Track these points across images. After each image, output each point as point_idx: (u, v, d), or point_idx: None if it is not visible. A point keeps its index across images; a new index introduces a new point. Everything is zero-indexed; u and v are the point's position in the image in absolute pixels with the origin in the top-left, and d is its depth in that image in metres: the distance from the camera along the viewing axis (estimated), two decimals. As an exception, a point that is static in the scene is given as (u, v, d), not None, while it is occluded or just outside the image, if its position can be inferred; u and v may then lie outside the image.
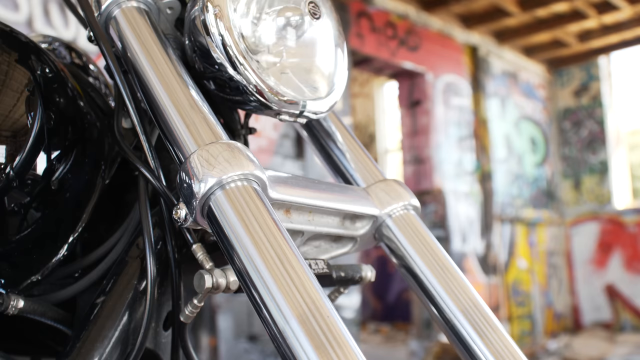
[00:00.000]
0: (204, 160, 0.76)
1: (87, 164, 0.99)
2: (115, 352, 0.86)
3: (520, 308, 8.95)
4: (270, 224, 0.73)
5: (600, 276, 9.88)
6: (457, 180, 8.20)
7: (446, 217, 7.88)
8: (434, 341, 7.16)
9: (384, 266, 10.56)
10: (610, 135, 10.05)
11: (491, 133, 8.79)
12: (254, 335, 5.73)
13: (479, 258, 8.37)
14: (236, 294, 0.84)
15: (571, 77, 10.40)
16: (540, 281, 9.52)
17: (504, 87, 9.28)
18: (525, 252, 9.24)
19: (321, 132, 1.11)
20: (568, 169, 10.33)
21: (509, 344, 0.88)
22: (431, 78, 8.05)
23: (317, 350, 0.63)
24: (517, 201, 9.21)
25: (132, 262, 0.91)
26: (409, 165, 8.05)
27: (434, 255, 0.96)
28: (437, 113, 8.06)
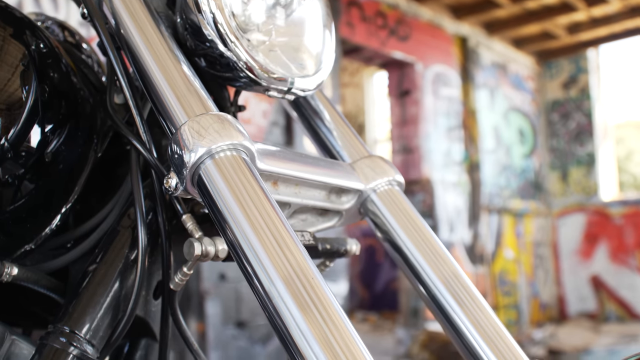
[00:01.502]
0: (194, 131, 0.79)
1: (80, 137, 1.01)
2: (106, 319, 0.88)
3: (506, 298, 9.03)
4: (258, 192, 0.76)
5: (585, 267, 9.97)
6: (445, 170, 8.25)
7: (434, 206, 7.93)
8: (420, 329, 7.22)
9: (371, 256, 10.62)
10: (597, 128, 10.12)
11: (480, 124, 8.84)
12: (242, 322, 5.76)
13: (466, 248, 8.43)
14: (225, 261, 0.87)
15: (560, 70, 10.45)
16: (527, 271, 9.60)
17: (493, 78, 9.33)
18: (512, 243, 9.31)
19: (309, 110, 1.14)
20: (555, 161, 10.40)
21: (488, 313, 0.91)
22: (421, 68, 8.08)
23: (301, 309, 0.66)
24: (505, 192, 9.27)
25: (123, 231, 0.94)
26: (397, 154, 8.09)
27: (417, 229, 0.99)
28: (427, 103, 8.09)
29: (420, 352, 6.36)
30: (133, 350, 1.03)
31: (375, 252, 10.68)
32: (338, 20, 6.86)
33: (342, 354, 0.63)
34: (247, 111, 5.76)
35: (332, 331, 0.65)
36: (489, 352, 0.88)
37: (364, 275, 10.86)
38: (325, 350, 0.63)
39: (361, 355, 0.64)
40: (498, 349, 0.88)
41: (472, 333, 0.90)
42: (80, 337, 0.85)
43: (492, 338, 0.89)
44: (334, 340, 0.64)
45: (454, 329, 0.92)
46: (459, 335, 0.91)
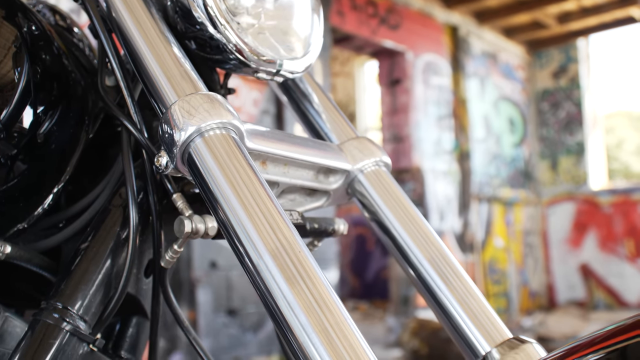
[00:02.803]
0: (184, 110, 0.80)
1: (72, 119, 1.02)
2: (98, 295, 0.90)
3: (496, 286, 9.09)
4: (247, 169, 0.78)
5: (575, 255, 10.04)
6: (435, 159, 8.28)
7: (424, 195, 7.96)
8: (410, 317, 7.26)
9: (362, 245, 10.65)
10: (587, 117, 10.17)
11: (470, 113, 8.87)
12: (233, 309, 5.78)
13: (457, 236, 8.48)
14: (215, 239, 0.88)
15: (550, 59, 10.49)
16: (517, 260, 9.66)
17: (484, 67, 9.35)
18: (502, 231, 9.37)
19: (298, 93, 1.16)
20: (545, 150, 10.46)
21: (472, 290, 0.93)
22: (411, 57, 8.09)
23: (288, 282, 0.68)
24: (495, 181, 9.31)
25: (115, 210, 0.95)
26: (388, 143, 8.11)
27: (404, 208, 1.00)
28: (417, 92, 8.11)
29: (411, 340, 6.40)
30: (125, 327, 1.05)
31: (366, 241, 10.72)
32: (328, 9, 6.86)
33: (327, 323, 0.65)
34: (238, 99, 5.77)
35: (318, 302, 0.67)
36: (473, 328, 0.90)
37: (355, 264, 10.89)
38: (311, 319, 0.65)
39: (346, 324, 0.66)
40: (482, 325, 0.90)
41: (457, 310, 0.92)
42: (72, 313, 0.87)
43: (477, 315, 0.91)
44: (319, 310, 0.66)
45: (439, 306, 0.94)
46: (444, 312, 0.93)
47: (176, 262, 0.96)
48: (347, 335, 0.65)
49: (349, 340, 0.65)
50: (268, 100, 6.10)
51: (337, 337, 0.64)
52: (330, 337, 0.64)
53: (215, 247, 5.65)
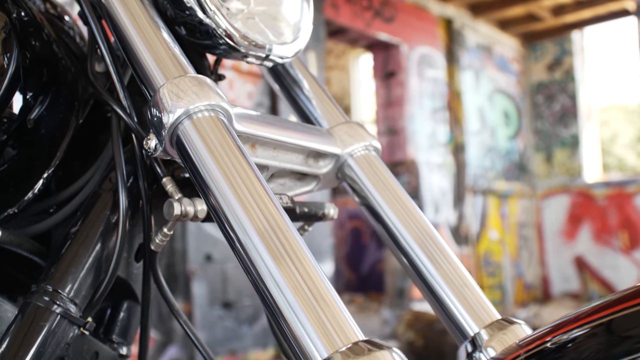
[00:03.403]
0: (172, 93, 0.81)
1: (62, 104, 1.03)
2: (89, 279, 0.90)
3: (491, 278, 9.11)
4: (236, 151, 0.78)
5: (569, 248, 10.07)
6: (430, 151, 8.29)
7: (419, 188, 7.97)
8: (405, 309, 7.28)
9: (358, 238, 10.66)
10: (581, 110, 10.19)
11: (465, 105, 8.87)
12: (229, 302, 5.79)
13: (451, 229, 8.49)
14: (204, 222, 0.89)
15: (545, 52, 10.49)
16: (511, 252, 9.68)
17: (478, 60, 9.36)
18: (496, 224, 9.39)
19: (288, 79, 1.16)
20: (540, 142, 10.47)
21: (460, 271, 0.94)
22: (406, 50, 8.09)
23: (276, 261, 0.68)
24: (490, 173, 9.33)
25: (105, 194, 0.96)
26: (383, 136, 8.11)
27: (394, 192, 1.01)
28: (412, 85, 8.11)
29: (406, 332, 6.42)
30: (116, 312, 1.05)
31: (362, 235, 10.73)
32: (323, 1, 6.85)
33: (314, 300, 0.66)
34: (232, 92, 5.76)
35: (305, 280, 0.67)
36: (462, 310, 0.91)
37: (350, 257, 10.90)
38: (298, 297, 0.66)
39: (333, 301, 0.66)
40: (471, 306, 0.91)
41: (446, 292, 0.92)
42: (63, 296, 0.87)
43: (465, 297, 0.92)
44: (306, 288, 0.67)
45: (428, 288, 0.94)
46: (434, 294, 0.94)
47: (167, 248, 0.96)
48: (333, 312, 0.65)
49: (336, 316, 0.65)
50: (262, 93, 6.10)
51: (324, 314, 0.65)
52: (317, 314, 0.65)
53: (210, 240, 5.65)
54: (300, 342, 0.65)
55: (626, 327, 0.60)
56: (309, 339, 0.64)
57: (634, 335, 0.59)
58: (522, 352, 0.66)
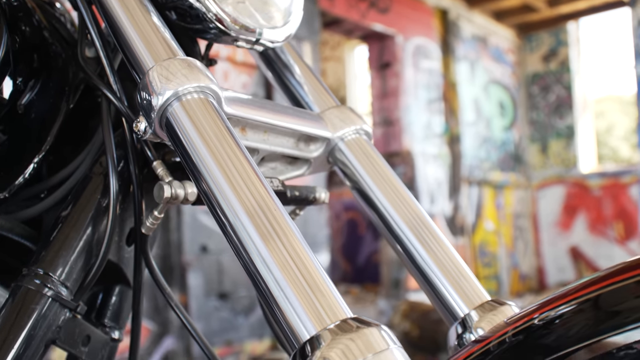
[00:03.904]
0: (161, 76, 0.80)
1: (52, 89, 1.03)
2: (80, 262, 0.90)
3: (486, 269, 9.14)
4: (225, 133, 0.78)
5: (564, 238, 10.09)
6: (425, 142, 8.29)
7: (415, 178, 7.98)
8: (401, 300, 7.30)
9: (353, 229, 10.67)
10: (577, 101, 10.20)
11: (460, 96, 8.88)
12: (224, 293, 5.80)
13: (447, 219, 8.51)
14: (194, 205, 0.89)
15: (540, 43, 10.49)
16: (507, 243, 9.71)
17: (474, 51, 9.35)
18: (492, 214, 9.40)
19: (279, 64, 1.16)
20: (535, 133, 10.48)
21: (451, 253, 0.94)
22: (401, 41, 8.08)
23: (264, 239, 0.69)
24: (485, 164, 9.34)
25: (95, 178, 0.96)
26: (378, 127, 8.11)
27: (385, 176, 1.01)
28: (407, 76, 8.11)
29: (402, 322, 6.43)
30: (108, 296, 1.05)
31: (357, 226, 10.73)
32: (318, -8, 6.84)
33: (302, 278, 0.66)
34: (226, 83, 5.75)
35: (293, 259, 0.67)
36: (452, 291, 0.91)
37: (346, 248, 10.91)
38: (286, 275, 0.66)
39: (321, 279, 0.67)
40: (461, 287, 0.91)
41: (436, 274, 0.93)
42: (54, 279, 0.87)
43: (455, 278, 0.92)
44: (294, 266, 0.67)
45: (418, 270, 0.95)
46: (424, 276, 0.94)
47: (162, 239, 0.96)
48: (322, 290, 0.66)
49: (324, 294, 0.65)
50: (257, 84, 6.09)
51: (312, 292, 0.65)
52: (305, 292, 0.65)
53: (206, 231, 5.65)
54: (288, 320, 0.65)
55: (613, 302, 0.60)
56: (297, 316, 0.64)
57: (621, 310, 0.60)
58: (510, 329, 0.66)
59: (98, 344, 0.99)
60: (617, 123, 21.11)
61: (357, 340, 0.61)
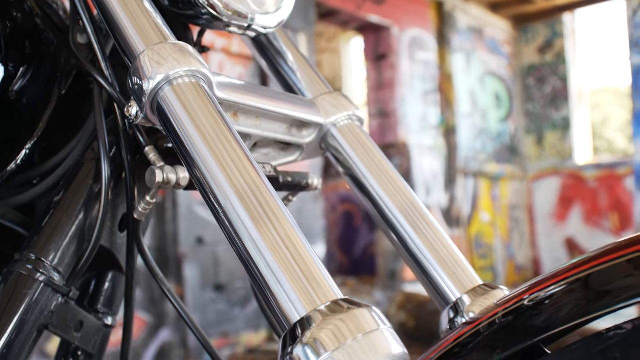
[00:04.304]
0: (152, 60, 0.80)
1: (44, 75, 1.02)
2: (72, 247, 0.90)
3: (482, 260, 9.15)
4: (216, 117, 0.78)
5: (560, 230, 10.11)
6: (421, 134, 8.29)
7: (410, 170, 7.98)
8: (397, 291, 7.31)
9: (350, 221, 10.67)
10: (572, 92, 10.20)
11: (456, 88, 8.87)
12: (221, 285, 5.80)
13: (443, 211, 8.52)
14: (186, 190, 0.89)
15: (536, 34, 10.49)
16: (503, 234, 9.72)
17: (470, 42, 9.35)
18: (488, 206, 9.41)
19: (272, 50, 1.16)
20: (531, 125, 10.49)
21: (443, 237, 0.94)
22: (397, 32, 8.07)
23: (255, 222, 0.69)
24: (481, 156, 9.34)
25: (87, 164, 0.96)
26: (374, 118, 8.11)
27: (377, 162, 1.01)
28: (403, 67, 8.10)
29: (398, 313, 6.45)
30: (100, 282, 1.05)
31: (354, 218, 10.74)
32: (313, -17, 6.82)
33: (293, 261, 0.66)
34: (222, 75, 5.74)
35: (284, 241, 0.67)
36: (444, 275, 0.91)
37: (343, 240, 10.92)
38: (277, 257, 0.66)
39: (312, 261, 0.67)
40: (453, 272, 0.91)
41: (428, 258, 0.93)
42: (46, 264, 0.87)
43: (447, 262, 0.92)
44: (285, 249, 0.67)
45: (411, 255, 0.95)
46: (416, 261, 0.94)
47: (158, 231, 0.96)
48: (312, 272, 0.66)
49: (315, 276, 0.65)
50: (252, 75, 6.08)
51: (303, 274, 0.65)
52: (296, 274, 0.65)
53: (201, 223, 5.65)
54: (279, 302, 0.65)
55: (604, 282, 0.61)
56: (288, 298, 0.64)
57: (612, 289, 0.60)
58: (500, 310, 0.66)
59: (91, 330, 0.99)
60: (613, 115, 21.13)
61: (347, 321, 0.61)
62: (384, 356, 0.60)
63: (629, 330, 0.60)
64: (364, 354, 0.59)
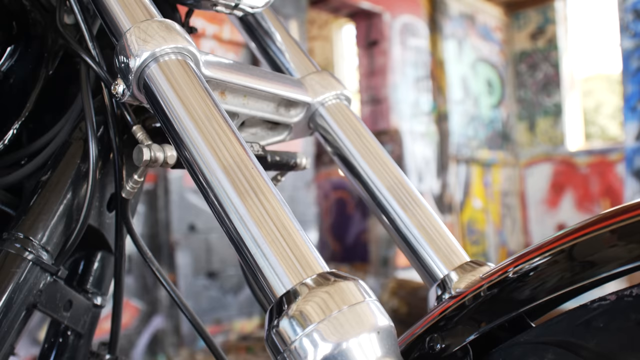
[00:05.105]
0: (139, 38, 0.80)
1: (31, 55, 1.02)
2: (60, 226, 0.90)
3: (474, 246, 9.18)
4: (203, 94, 0.77)
5: (552, 216, 10.15)
6: (413, 120, 8.29)
7: (403, 156, 7.99)
8: (390, 277, 7.34)
9: (342, 209, 10.68)
10: (564, 79, 10.21)
11: (448, 74, 8.87)
12: (213, 272, 5.81)
13: (435, 197, 8.53)
14: (174, 168, 0.89)
15: (528, 20, 10.49)
16: (495, 220, 9.75)
17: (461, 29, 9.34)
18: (480, 192, 9.44)
19: (259, 30, 1.15)
20: (523, 111, 10.51)
21: (430, 215, 0.94)
22: (388, 18, 8.06)
23: (241, 197, 0.69)
24: (473, 142, 9.36)
25: (75, 143, 0.95)
26: (366, 105, 8.11)
27: (365, 140, 1.01)
28: (394, 54, 8.09)
29: (390, 299, 6.48)
30: (89, 262, 1.05)
31: (346, 205, 10.75)
32: (304, -30, 6.80)
33: (279, 234, 0.66)
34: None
35: (270, 215, 0.67)
36: (432, 253, 0.92)
37: (335, 228, 10.93)
38: (262, 231, 0.66)
39: (297, 234, 0.67)
40: (441, 249, 0.91)
41: (416, 236, 0.93)
42: (35, 243, 0.87)
43: (435, 240, 0.92)
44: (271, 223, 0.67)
45: (399, 233, 0.95)
46: (404, 239, 0.94)
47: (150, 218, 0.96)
48: (298, 245, 0.66)
49: (300, 249, 0.66)
50: (244, 61, 6.06)
51: (288, 247, 0.65)
52: (281, 247, 0.65)
53: (194, 211, 5.65)
54: (265, 275, 0.65)
55: (587, 252, 0.61)
56: (274, 272, 0.65)
57: (595, 260, 0.60)
58: (484, 282, 0.67)
59: (80, 310, 1.00)
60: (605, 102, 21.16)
61: (333, 293, 0.61)
62: (369, 327, 0.60)
63: (613, 301, 0.61)
64: (350, 325, 0.59)
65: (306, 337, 0.59)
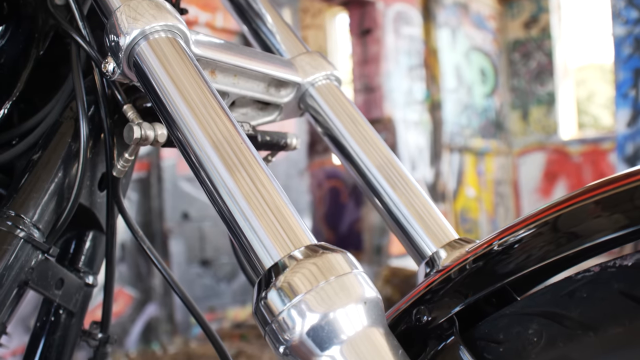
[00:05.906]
0: (129, 16, 0.80)
1: (22, 35, 1.02)
2: (51, 204, 0.91)
3: (467, 235, 9.20)
4: (193, 72, 0.78)
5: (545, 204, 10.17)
6: (407, 109, 8.30)
7: (396, 145, 8.00)
8: (383, 266, 7.36)
9: (336, 198, 10.69)
10: (558, 67, 10.23)
11: (441, 63, 8.87)
12: (207, 260, 5.82)
13: (428, 186, 8.55)
14: (164, 147, 0.89)
15: (521, 9, 10.49)
16: (488, 209, 9.78)
17: (455, 17, 9.33)
18: (473, 181, 9.46)
19: (250, 12, 1.16)
20: (516, 100, 10.52)
21: (419, 194, 0.95)
22: (382, 7, 8.05)
23: (230, 172, 0.69)
24: (466, 131, 9.37)
25: (66, 122, 0.96)
26: (359, 94, 8.11)
27: (355, 120, 1.02)
28: (388, 42, 8.09)
29: (384, 287, 6.50)
30: (81, 242, 1.06)
31: (340, 194, 10.76)
32: (298, -43, 6.78)
33: (267, 207, 0.67)
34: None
35: (259, 189, 0.68)
36: (420, 230, 0.92)
37: (329, 216, 10.95)
38: (251, 204, 0.67)
39: (284, 207, 0.67)
40: (429, 226, 0.92)
41: (405, 214, 0.94)
42: (26, 221, 0.87)
43: (424, 217, 0.93)
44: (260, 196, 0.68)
45: (387, 211, 0.96)
46: (393, 217, 0.95)
47: (144, 206, 0.97)
48: (286, 218, 0.67)
49: (288, 222, 0.66)
50: (237, 50, 6.05)
51: (276, 220, 0.66)
52: (269, 220, 0.66)
53: (187, 199, 5.65)
54: (253, 248, 0.66)
55: (572, 224, 0.62)
56: (262, 244, 0.65)
57: (579, 231, 0.61)
58: (470, 256, 0.68)
59: (72, 288, 1.00)
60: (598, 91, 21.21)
61: (320, 265, 0.62)
62: (356, 298, 0.61)
63: (597, 272, 0.62)
64: (337, 296, 0.60)
65: (293, 307, 0.60)
